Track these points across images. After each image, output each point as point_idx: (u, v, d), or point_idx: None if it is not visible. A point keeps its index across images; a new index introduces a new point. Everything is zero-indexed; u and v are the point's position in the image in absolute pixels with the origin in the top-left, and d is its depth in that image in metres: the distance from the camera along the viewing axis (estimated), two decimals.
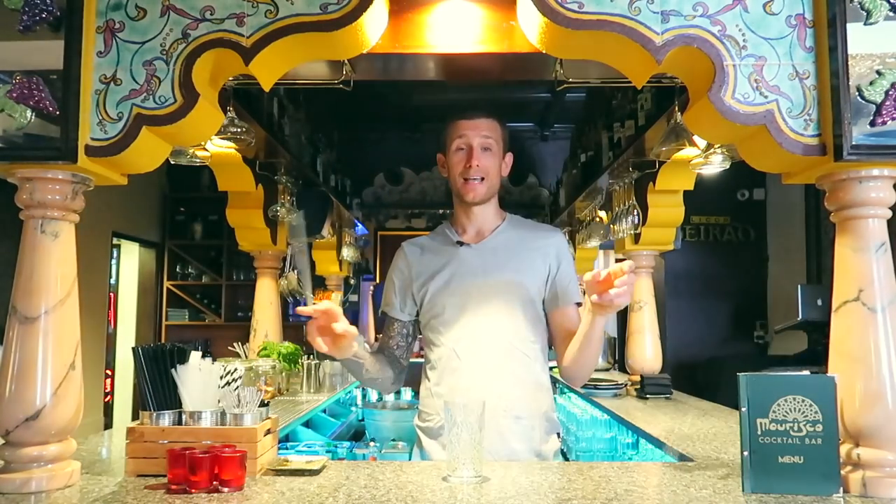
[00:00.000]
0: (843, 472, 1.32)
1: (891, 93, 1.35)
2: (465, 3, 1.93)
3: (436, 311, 1.81)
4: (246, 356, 2.98)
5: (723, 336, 5.71)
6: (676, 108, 2.48)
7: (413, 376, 1.95)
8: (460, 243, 1.82)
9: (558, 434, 1.87)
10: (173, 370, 1.50)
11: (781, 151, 1.40)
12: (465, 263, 1.81)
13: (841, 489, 1.29)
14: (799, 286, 4.24)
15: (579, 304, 1.83)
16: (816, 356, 4.22)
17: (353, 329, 1.57)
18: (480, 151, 1.76)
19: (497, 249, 1.81)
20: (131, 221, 6.06)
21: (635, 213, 3.30)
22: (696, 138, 2.44)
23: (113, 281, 6.19)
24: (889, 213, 1.39)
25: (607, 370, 4.36)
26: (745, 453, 1.31)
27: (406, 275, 1.87)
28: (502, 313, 1.76)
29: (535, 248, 1.82)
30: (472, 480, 1.40)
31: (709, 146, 2.53)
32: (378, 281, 7.19)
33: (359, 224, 5.80)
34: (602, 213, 4.20)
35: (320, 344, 1.55)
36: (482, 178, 1.76)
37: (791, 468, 1.30)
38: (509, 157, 1.85)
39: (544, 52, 1.64)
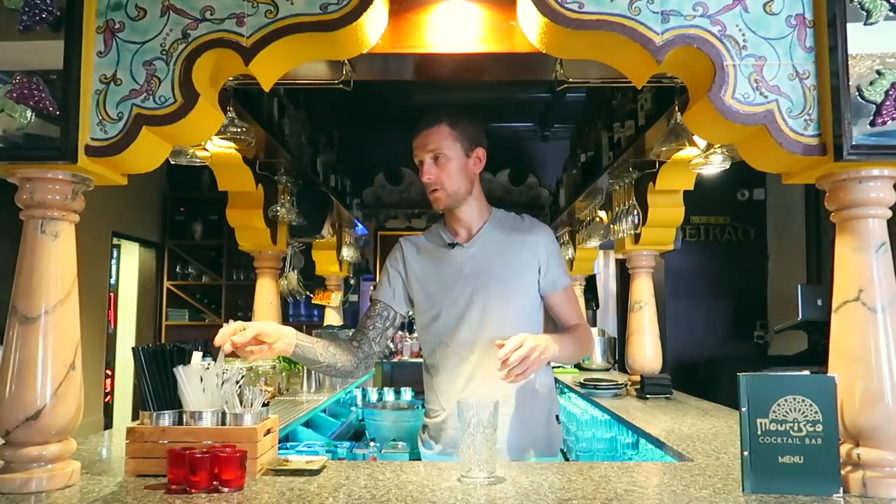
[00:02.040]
0: (843, 472, 1.32)
1: (891, 93, 1.35)
2: (465, 3, 1.93)
3: (433, 312, 1.87)
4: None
5: (723, 336, 5.71)
6: (676, 108, 2.48)
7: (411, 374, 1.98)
8: (452, 245, 1.88)
9: (557, 417, 1.95)
10: (176, 370, 1.50)
11: (781, 151, 1.41)
12: (457, 264, 1.87)
13: (841, 489, 1.29)
14: (799, 286, 4.24)
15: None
16: (816, 356, 4.22)
17: (269, 332, 1.62)
18: (431, 163, 1.81)
19: (486, 246, 1.87)
20: (131, 221, 6.06)
21: (635, 213, 3.30)
22: (696, 138, 2.44)
23: (113, 281, 6.19)
24: (889, 213, 1.39)
25: (607, 370, 4.36)
26: (746, 453, 1.31)
27: (401, 269, 1.93)
28: (496, 311, 1.82)
29: (522, 241, 1.87)
30: (485, 481, 1.40)
31: (709, 146, 2.53)
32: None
33: (359, 224, 5.79)
34: (602, 214, 4.20)
35: (255, 352, 1.61)
36: (438, 189, 1.81)
37: (791, 468, 1.30)
38: (480, 152, 1.86)
39: (544, 52, 1.64)
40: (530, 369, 1.59)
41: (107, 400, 5.94)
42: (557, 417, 1.94)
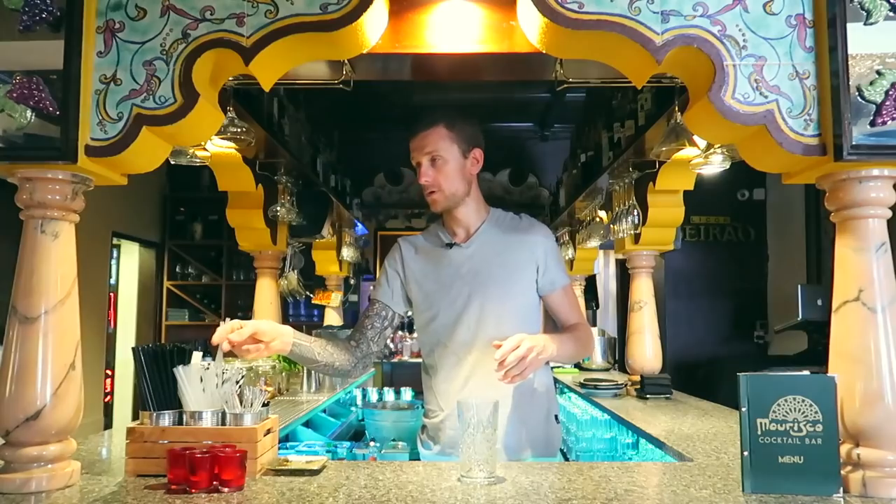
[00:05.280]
0: (843, 472, 1.32)
1: (891, 93, 1.35)
2: (466, 3, 1.92)
3: (430, 313, 1.86)
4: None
5: (723, 336, 5.71)
6: (676, 108, 2.48)
7: (411, 374, 1.98)
8: (450, 245, 1.88)
9: (556, 417, 1.95)
10: (176, 370, 1.50)
11: (781, 151, 1.41)
12: (455, 264, 1.86)
13: (841, 489, 1.29)
14: (799, 286, 4.24)
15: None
16: (816, 356, 4.22)
17: (265, 330, 1.61)
18: (428, 165, 1.81)
19: (484, 246, 1.86)
20: (131, 221, 6.06)
21: (635, 213, 3.30)
22: (696, 138, 2.44)
23: (113, 281, 6.19)
24: (889, 213, 1.39)
25: (607, 370, 4.36)
26: (746, 453, 1.31)
27: (399, 269, 1.93)
28: (494, 310, 1.81)
29: (521, 240, 1.87)
30: (485, 481, 1.40)
31: (709, 146, 2.53)
32: None
33: (359, 224, 5.79)
34: (602, 213, 4.20)
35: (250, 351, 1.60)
36: (436, 191, 1.82)
37: (791, 468, 1.30)
38: (478, 153, 1.86)
39: (544, 52, 1.64)
40: (528, 369, 1.58)
41: (107, 400, 5.94)
42: (556, 417, 1.94)
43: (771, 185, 5.77)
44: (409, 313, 1.97)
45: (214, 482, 1.33)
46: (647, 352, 3.32)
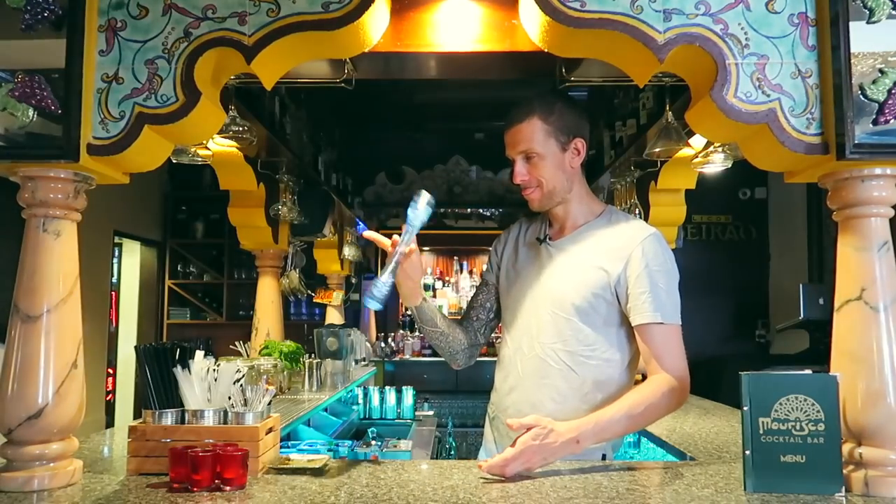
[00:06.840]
0: (845, 471, 1.32)
1: (893, 91, 1.35)
2: (467, 2, 1.92)
3: (504, 303, 1.78)
4: (247, 355, 2.98)
5: (724, 335, 5.70)
6: (668, 109, 2.48)
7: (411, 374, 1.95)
8: (539, 240, 1.72)
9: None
10: (175, 369, 1.50)
11: (784, 150, 1.40)
12: (536, 263, 1.71)
13: (843, 488, 1.29)
14: (801, 285, 4.24)
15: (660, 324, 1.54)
16: (818, 355, 4.22)
17: (415, 270, 1.58)
18: (522, 163, 1.64)
19: (576, 248, 1.66)
20: (133, 220, 6.06)
21: (637, 211, 3.30)
22: (693, 139, 2.44)
23: (114, 279, 6.18)
24: (891, 212, 1.39)
25: None
26: (747, 452, 1.31)
27: (499, 251, 1.84)
28: (561, 325, 1.62)
29: (613, 248, 1.62)
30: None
31: (707, 145, 2.53)
32: None
33: (360, 223, 5.79)
34: None
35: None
36: (531, 188, 1.66)
37: (793, 467, 1.29)
38: (579, 143, 1.65)
39: (546, 50, 1.64)
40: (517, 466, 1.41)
41: (108, 398, 5.95)
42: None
43: (773, 184, 5.77)
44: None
45: (216, 481, 1.33)
46: None
